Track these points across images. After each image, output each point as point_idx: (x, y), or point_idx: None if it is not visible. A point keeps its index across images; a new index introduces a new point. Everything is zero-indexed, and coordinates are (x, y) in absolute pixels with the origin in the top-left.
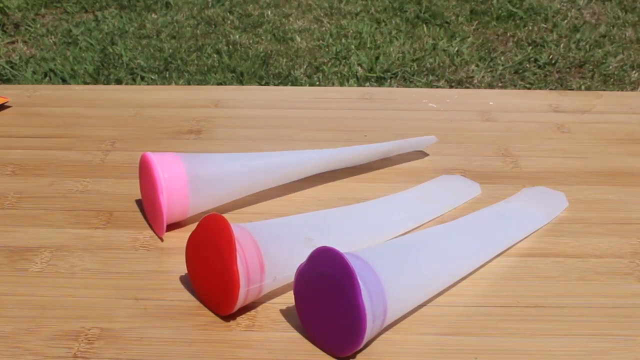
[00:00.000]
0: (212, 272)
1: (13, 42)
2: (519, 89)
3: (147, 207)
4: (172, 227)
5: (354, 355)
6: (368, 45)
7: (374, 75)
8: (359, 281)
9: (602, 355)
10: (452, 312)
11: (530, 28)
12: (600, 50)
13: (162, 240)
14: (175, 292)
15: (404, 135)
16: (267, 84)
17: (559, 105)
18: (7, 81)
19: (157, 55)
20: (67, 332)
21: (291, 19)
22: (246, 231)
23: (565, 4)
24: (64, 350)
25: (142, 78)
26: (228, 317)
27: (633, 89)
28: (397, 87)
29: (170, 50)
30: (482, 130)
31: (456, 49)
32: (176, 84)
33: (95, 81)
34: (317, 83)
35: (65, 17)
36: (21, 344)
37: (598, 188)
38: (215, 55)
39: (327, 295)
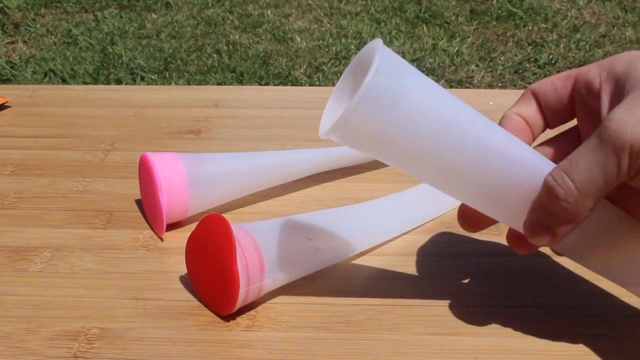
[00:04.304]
0: (212, 272)
1: (13, 42)
2: (519, 89)
3: (147, 207)
4: (172, 227)
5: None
6: None
7: None
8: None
9: (602, 355)
10: (452, 312)
11: (530, 28)
12: (600, 50)
13: (162, 240)
14: (175, 292)
15: None
16: (267, 84)
17: None
18: (7, 81)
19: (157, 55)
20: (67, 332)
21: (291, 19)
22: (246, 231)
23: (565, 4)
24: (64, 350)
25: (142, 78)
26: (228, 317)
27: None
28: None
29: (170, 50)
30: None
31: (456, 49)
32: (176, 84)
33: (95, 81)
34: (317, 83)
35: (65, 17)
36: (21, 344)
37: None
38: (215, 55)
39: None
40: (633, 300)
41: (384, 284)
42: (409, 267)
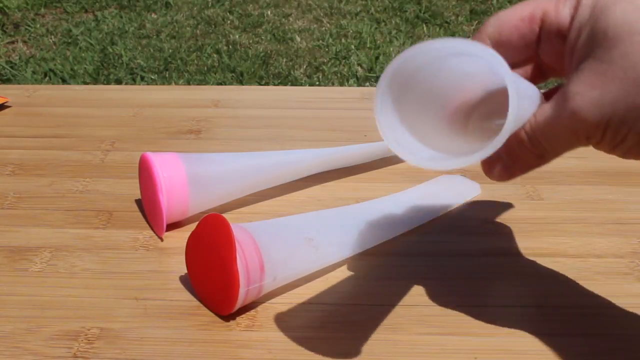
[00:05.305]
0: (212, 272)
1: (13, 42)
2: None
3: (147, 207)
4: (172, 227)
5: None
6: (368, 45)
7: (374, 75)
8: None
9: (602, 355)
10: (452, 312)
11: None
12: None
13: (162, 240)
14: (175, 292)
15: None
16: (267, 84)
17: None
18: (7, 81)
19: (157, 55)
20: (67, 332)
21: (291, 19)
22: (246, 231)
23: None
24: (64, 350)
25: (142, 78)
26: (228, 317)
27: None
28: None
29: (170, 50)
30: None
31: None
32: (176, 84)
33: (95, 81)
34: (317, 83)
35: (65, 17)
36: (21, 344)
37: (598, 188)
38: (215, 55)
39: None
40: (632, 300)
41: (384, 284)
42: (409, 267)
